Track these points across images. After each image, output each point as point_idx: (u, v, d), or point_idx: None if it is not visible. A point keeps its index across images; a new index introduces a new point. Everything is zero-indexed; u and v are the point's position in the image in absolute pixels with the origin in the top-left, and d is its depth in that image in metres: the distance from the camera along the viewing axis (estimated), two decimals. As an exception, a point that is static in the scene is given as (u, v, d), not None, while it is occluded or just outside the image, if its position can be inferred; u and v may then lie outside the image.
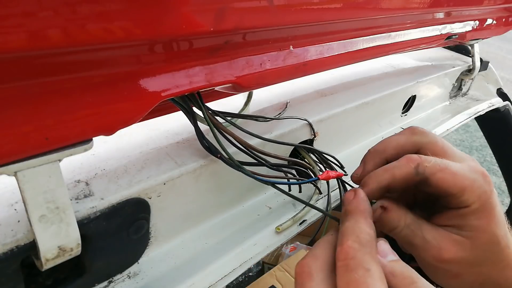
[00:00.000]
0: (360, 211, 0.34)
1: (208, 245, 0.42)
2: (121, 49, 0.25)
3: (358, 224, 0.32)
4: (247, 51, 0.35)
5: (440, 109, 0.87)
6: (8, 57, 0.20)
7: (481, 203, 0.35)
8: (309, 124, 0.51)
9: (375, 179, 0.37)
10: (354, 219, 0.33)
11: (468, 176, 0.35)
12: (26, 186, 0.25)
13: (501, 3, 0.68)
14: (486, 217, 0.35)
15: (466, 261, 0.35)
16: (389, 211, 0.37)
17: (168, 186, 0.37)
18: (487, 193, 0.35)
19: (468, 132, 3.87)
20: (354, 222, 0.32)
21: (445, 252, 0.35)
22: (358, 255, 0.29)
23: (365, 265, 0.28)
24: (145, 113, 0.28)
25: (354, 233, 0.31)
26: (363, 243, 0.30)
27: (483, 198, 0.35)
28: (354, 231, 0.31)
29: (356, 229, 0.32)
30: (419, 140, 0.39)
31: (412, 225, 0.37)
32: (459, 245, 0.35)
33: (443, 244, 0.35)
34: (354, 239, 0.30)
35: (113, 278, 0.36)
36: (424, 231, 0.36)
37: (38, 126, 0.23)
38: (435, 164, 0.35)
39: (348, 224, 0.32)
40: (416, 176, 0.35)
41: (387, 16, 0.48)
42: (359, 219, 0.33)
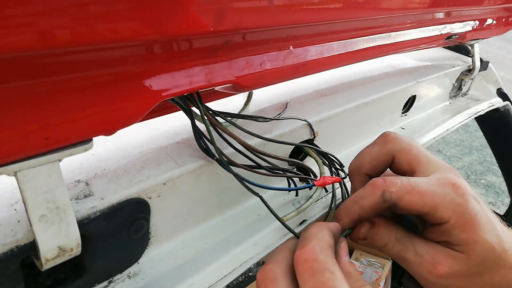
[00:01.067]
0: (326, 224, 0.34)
1: (208, 245, 0.42)
2: (121, 49, 0.25)
3: (320, 231, 0.32)
4: (247, 51, 0.35)
5: (440, 109, 0.87)
6: (8, 57, 0.20)
7: (458, 216, 0.34)
8: (309, 125, 0.51)
9: (346, 213, 0.37)
10: (318, 227, 0.33)
11: (437, 193, 0.34)
12: (26, 186, 0.25)
13: (501, 3, 0.68)
14: (470, 228, 0.34)
15: (464, 274, 0.34)
16: (377, 227, 0.37)
17: (168, 186, 0.37)
18: (462, 205, 0.34)
19: (468, 132, 3.87)
20: (317, 229, 0.33)
21: (440, 266, 0.34)
22: (320, 257, 0.29)
23: (330, 268, 0.29)
24: (145, 113, 0.28)
25: (316, 237, 0.31)
26: (324, 247, 0.30)
27: (459, 210, 0.34)
28: (316, 236, 0.32)
29: (318, 234, 0.32)
30: (392, 148, 0.39)
31: (403, 239, 0.36)
32: (453, 259, 0.34)
33: (437, 258, 0.34)
34: (315, 242, 0.30)
35: (113, 278, 0.36)
36: (417, 246, 0.35)
37: (38, 126, 0.23)
38: (401, 187, 0.34)
39: (311, 230, 0.33)
40: (384, 203, 0.35)
41: (387, 16, 0.48)
42: (323, 228, 0.33)
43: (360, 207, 0.36)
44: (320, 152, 0.50)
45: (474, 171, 3.30)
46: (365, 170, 0.39)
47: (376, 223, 0.37)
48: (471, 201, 0.35)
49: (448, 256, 0.34)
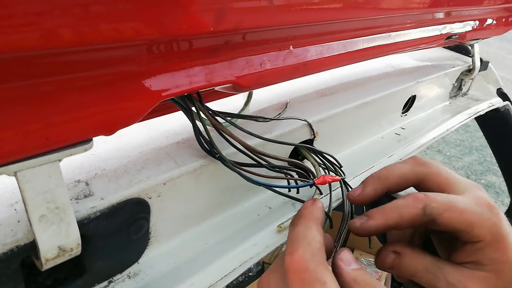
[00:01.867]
0: (313, 217, 0.33)
1: (208, 245, 0.42)
2: (121, 49, 0.25)
3: (309, 230, 0.32)
4: (247, 51, 0.35)
5: (440, 109, 0.87)
6: (8, 57, 0.20)
7: (493, 235, 0.34)
8: (309, 125, 0.51)
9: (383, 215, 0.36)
10: (305, 224, 0.33)
11: (476, 211, 0.34)
12: (26, 186, 0.25)
13: (501, 3, 0.68)
14: (502, 248, 0.34)
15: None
16: (403, 257, 0.36)
17: (168, 186, 0.37)
18: (497, 224, 0.35)
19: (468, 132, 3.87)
20: (305, 227, 0.32)
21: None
22: (311, 266, 0.29)
23: (321, 278, 0.28)
24: (145, 113, 0.28)
25: (306, 239, 0.31)
26: (314, 253, 0.30)
27: (494, 229, 0.34)
28: (306, 237, 0.31)
29: (307, 235, 0.31)
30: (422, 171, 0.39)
31: (432, 268, 0.35)
32: (484, 282, 0.34)
33: (468, 284, 0.34)
34: (305, 247, 0.30)
35: (113, 278, 0.36)
36: (447, 274, 0.35)
37: (38, 126, 0.23)
38: (442, 203, 0.34)
39: (299, 229, 0.32)
40: (424, 217, 0.35)
41: (387, 16, 0.48)
42: (311, 224, 0.32)
43: (400, 215, 0.35)
44: (318, 152, 0.50)
45: (474, 171, 3.30)
46: (389, 184, 0.39)
47: (401, 254, 0.36)
48: (504, 222, 0.36)
49: (479, 280, 0.34)
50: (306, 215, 0.34)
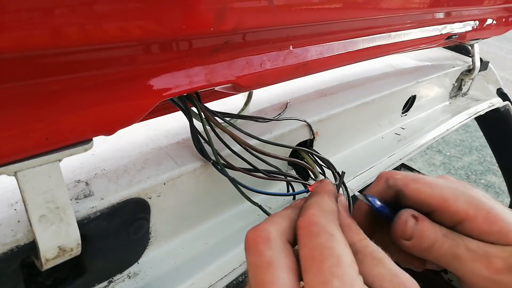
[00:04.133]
0: (325, 190, 0.33)
1: (208, 245, 0.42)
2: (121, 49, 0.25)
3: (321, 199, 0.31)
4: (247, 51, 0.35)
5: (440, 109, 0.87)
6: (8, 57, 0.20)
7: (475, 208, 0.31)
8: (308, 125, 0.51)
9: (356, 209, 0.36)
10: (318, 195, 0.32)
11: (447, 185, 0.33)
12: (26, 186, 0.25)
13: (501, 3, 0.68)
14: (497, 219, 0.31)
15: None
16: (422, 220, 0.32)
17: (168, 186, 0.37)
18: (475, 197, 0.32)
19: (468, 132, 3.87)
20: (318, 197, 0.31)
21: (495, 260, 0.30)
22: (321, 221, 0.28)
23: (329, 231, 0.27)
24: (145, 113, 0.28)
25: (317, 204, 0.30)
26: (326, 211, 0.29)
27: (474, 203, 0.32)
28: (317, 203, 0.30)
29: (319, 201, 0.30)
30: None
31: (450, 234, 0.32)
32: (505, 251, 0.31)
33: (490, 251, 0.31)
34: (316, 209, 0.29)
35: (113, 278, 0.36)
36: (466, 240, 0.31)
37: (38, 126, 0.23)
38: (407, 176, 0.34)
39: (312, 199, 0.31)
40: (389, 189, 0.34)
41: (387, 16, 0.48)
42: (323, 195, 0.32)
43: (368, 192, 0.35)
44: (316, 155, 0.50)
45: (474, 171, 3.30)
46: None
47: (420, 218, 0.32)
48: (482, 196, 0.33)
49: (499, 249, 0.31)
50: (317, 191, 0.33)
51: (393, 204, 0.35)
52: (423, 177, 0.34)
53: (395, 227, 0.33)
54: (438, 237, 0.32)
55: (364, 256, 0.28)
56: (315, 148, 0.54)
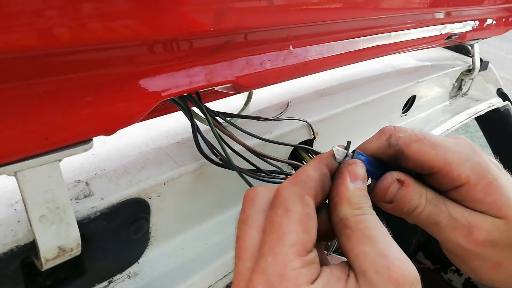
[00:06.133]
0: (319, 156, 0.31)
1: (208, 245, 0.42)
2: (121, 49, 0.25)
3: (306, 166, 0.30)
4: (247, 51, 0.35)
5: (440, 109, 0.87)
6: (8, 57, 0.20)
7: (478, 176, 0.30)
8: (309, 125, 0.51)
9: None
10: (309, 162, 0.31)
11: (453, 148, 0.30)
12: (26, 186, 0.25)
13: (501, 3, 0.68)
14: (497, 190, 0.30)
15: (504, 243, 0.30)
16: (407, 186, 0.31)
17: (168, 186, 0.37)
18: (481, 164, 0.30)
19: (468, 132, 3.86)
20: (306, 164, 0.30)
21: (477, 231, 0.29)
22: (284, 193, 0.27)
23: (287, 204, 0.27)
24: (145, 113, 0.28)
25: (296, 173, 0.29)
26: (295, 182, 0.28)
27: (478, 169, 0.30)
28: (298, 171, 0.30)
29: (300, 169, 0.30)
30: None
31: (435, 200, 0.31)
32: (491, 224, 0.29)
33: (473, 221, 0.30)
34: (291, 178, 0.29)
35: (113, 278, 0.36)
36: (450, 207, 0.30)
37: (38, 126, 0.23)
38: (411, 134, 0.31)
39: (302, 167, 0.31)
40: (389, 148, 0.31)
41: (387, 16, 0.48)
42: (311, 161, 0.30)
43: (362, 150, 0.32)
44: (316, 153, 0.50)
45: (474, 171, 3.29)
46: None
47: (406, 183, 0.31)
48: (490, 164, 0.31)
49: (486, 221, 0.30)
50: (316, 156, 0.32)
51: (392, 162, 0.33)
52: (428, 137, 0.31)
53: (377, 190, 0.32)
54: (420, 203, 0.31)
55: (352, 232, 0.27)
56: (315, 148, 0.54)
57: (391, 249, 0.25)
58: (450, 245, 0.31)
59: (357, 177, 0.29)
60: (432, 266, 1.54)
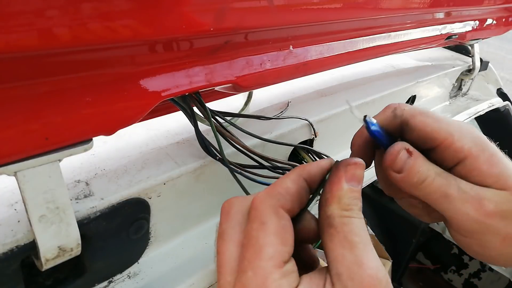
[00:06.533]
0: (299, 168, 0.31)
1: (208, 245, 0.42)
2: (121, 49, 0.25)
3: (284, 178, 0.30)
4: (247, 51, 0.35)
5: (440, 109, 0.87)
6: (8, 57, 0.20)
7: (479, 148, 0.30)
8: (310, 124, 0.51)
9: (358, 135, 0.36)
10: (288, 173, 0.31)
11: (454, 123, 0.32)
12: (26, 186, 0.25)
13: (501, 3, 0.68)
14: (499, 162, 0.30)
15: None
16: (416, 158, 0.31)
17: (168, 186, 0.37)
18: (481, 138, 0.31)
19: (468, 132, 3.85)
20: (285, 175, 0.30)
21: (487, 202, 0.29)
22: (260, 206, 0.28)
23: (262, 218, 0.27)
24: (145, 113, 0.28)
25: (275, 183, 0.29)
26: (271, 195, 0.28)
27: (479, 142, 0.31)
28: (276, 182, 0.30)
29: (279, 180, 0.30)
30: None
31: (443, 174, 0.31)
32: (499, 196, 0.30)
33: (482, 193, 0.30)
34: (268, 189, 0.29)
35: (113, 278, 0.36)
36: (458, 181, 0.31)
37: (38, 126, 0.23)
38: (415, 108, 0.32)
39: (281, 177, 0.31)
40: (395, 119, 0.32)
41: (387, 16, 0.48)
42: (291, 173, 0.30)
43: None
44: (316, 153, 0.50)
45: (474, 171, 3.29)
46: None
47: (414, 154, 0.31)
48: (488, 141, 0.32)
49: (493, 193, 0.30)
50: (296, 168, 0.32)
51: (397, 135, 0.33)
52: (431, 112, 0.32)
53: (387, 156, 0.32)
54: (429, 175, 0.31)
55: (336, 233, 0.27)
56: (315, 148, 0.54)
57: (369, 257, 0.26)
58: (460, 218, 0.30)
59: (353, 178, 0.29)
60: (432, 266, 1.54)
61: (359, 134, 0.36)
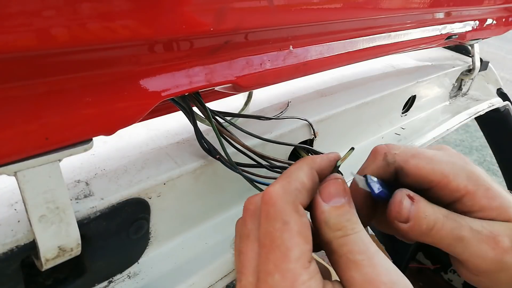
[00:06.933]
0: (309, 160, 0.30)
1: (208, 245, 0.42)
2: (121, 49, 0.25)
3: (297, 170, 0.29)
4: (247, 51, 0.35)
5: (440, 109, 0.87)
6: (8, 57, 0.20)
7: (475, 184, 0.30)
8: (309, 124, 0.51)
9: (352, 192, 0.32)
10: (299, 165, 0.30)
11: (447, 160, 0.31)
12: (26, 186, 0.25)
13: (501, 3, 0.68)
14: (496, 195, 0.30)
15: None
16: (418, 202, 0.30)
17: (168, 186, 0.37)
18: (475, 173, 0.31)
19: (468, 132, 3.86)
20: (296, 167, 0.29)
21: (502, 239, 0.28)
22: (279, 202, 0.26)
23: (284, 217, 0.26)
24: (145, 113, 0.28)
25: (289, 177, 0.28)
26: (289, 190, 0.27)
27: (474, 178, 0.30)
28: (290, 175, 0.28)
29: (293, 174, 0.29)
30: None
31: (451, 215, 0.30)
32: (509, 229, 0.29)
33: (496, 230, 0.29)
34: (283, 183, 0.27)
35: (113, 278, 0.36)
36: (468, 221, 0.29)
37: (38, 126, 0.23)
38: (406, 150, 0.31)
39: (291, 168, 0.30)
40: (389, 167, 0.31)
41: (387, 16, 0.48)
42: (302, 166, 0.29)
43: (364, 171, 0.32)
44: (316, 153, 0.50)
45: (474, 171, 3.29)
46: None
47: (416, 199, 0.30)
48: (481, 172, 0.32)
49: (504, 227, 0.29)
50: (305, 159, 0.31)
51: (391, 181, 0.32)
52: (422, 152, 0.32)
53: (391, 208, 0.31)
54: (438, 218, 0.29)
55: (339, 258, 0.26)
56: (315, 148, 0.54)
57: (378, 272, 0.25)
58: (477, 260, 0.29)
59: (330, 196, 0.28)
60: (432, 266, 1.54)
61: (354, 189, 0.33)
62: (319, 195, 0.29)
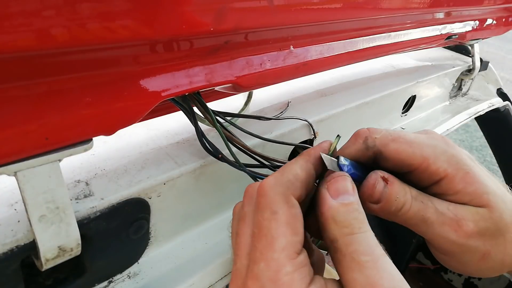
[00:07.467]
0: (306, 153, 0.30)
1: (208, 245, 0.42)
2: (121, 49, 0.25)
3: (292, 164, 0.29)
4: (247, 51, 0.35)
5: (440, 109, 0.87)
6: (8, 57, 0.20)
7: (455, 167, 0.30)
8: (309, 124, 0.51)
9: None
10: (294, 159, 0.30)
11: (428, 143, 0.31)
12: (26, 186, 0.25)
13: (501, 3, 0.68)
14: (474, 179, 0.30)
15: (490, 232, 0.30)
16: (392, 184, 0.30)
17: (168, 186, 0.37)
18: (456, 156, 0.31)
19: (468, 132, 3.86)
20: (292, 161, 0.30)
21: (465, 223, 0.29)
22: (270, 193, 0.27)
23: (273, 207, 0.26)
24: (145, 113, 0.28)
25: (283, 169, 0.29)
26: (281, 182, 0.27)
27: (454, 161, 0.30)
28: (285, 167, 0.29)
29: (287, 166, 0.29)
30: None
31: (420, 197, 0.31)
32: (477, 214, 0.30)
33: (460, 214, 0.30)
34: (276, 176, 0.28)
35: (113, 278, 0.36)
36: (435, 203, 0.30)
37: (38, 126, 0.23)
38: (386, 134, 0.31)
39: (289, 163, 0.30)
40: (367, 150, 0.31)
41: (387, 16, 0.48)
42: (299, 159, 0.30)
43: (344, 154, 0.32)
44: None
45: (474, 171, 3.29)
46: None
47: (390, 181, 0.30)
48: (464, 155, 0.32)
49: (471, 212, 0.30)
50: (301, 153, 0.31)
51: (370, 164, 0.33)
52: (403, 135, 0.32)
53: (363, 190, 0.31)
54: (407, 200, 0.30)
55: (343, 257, 0.26)
56: (315, 148, 0.54)
57: (381, 276, 0.24)
58: (440, 241, 0.30)
59: (339, 192, 0.28)
60: (432, 266, 1.54)
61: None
62: (327, 190, 0.28)
